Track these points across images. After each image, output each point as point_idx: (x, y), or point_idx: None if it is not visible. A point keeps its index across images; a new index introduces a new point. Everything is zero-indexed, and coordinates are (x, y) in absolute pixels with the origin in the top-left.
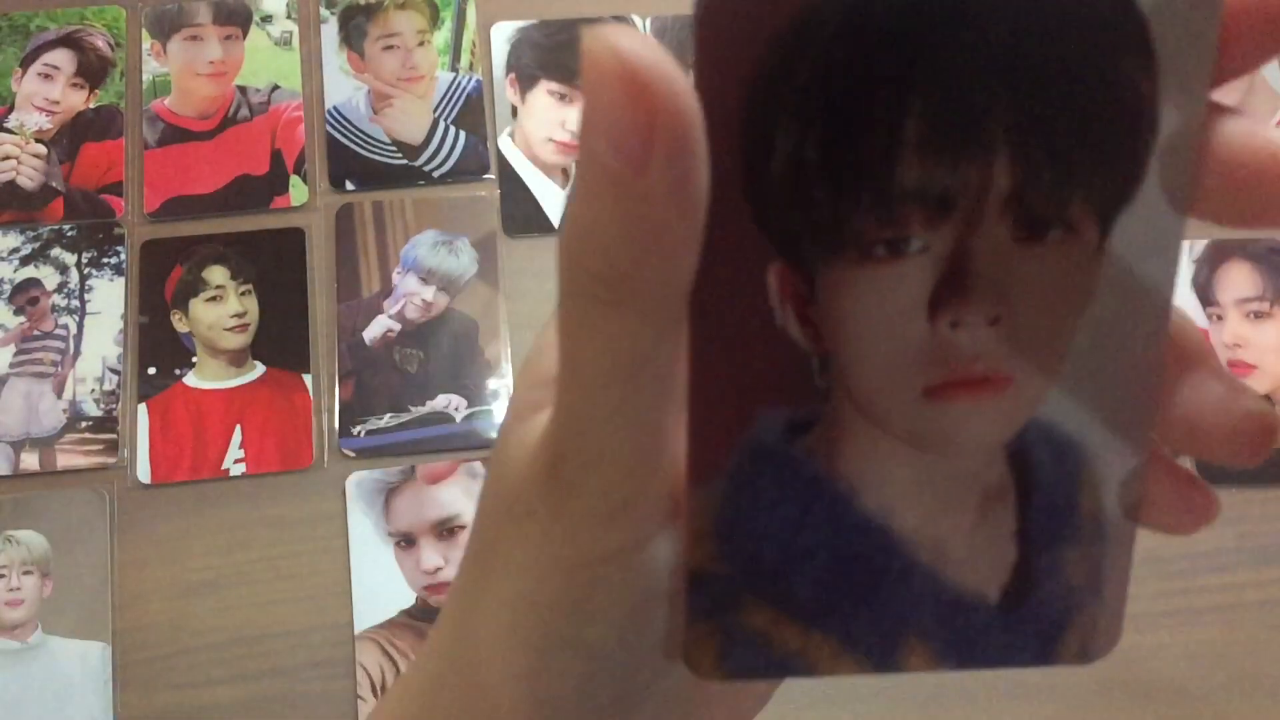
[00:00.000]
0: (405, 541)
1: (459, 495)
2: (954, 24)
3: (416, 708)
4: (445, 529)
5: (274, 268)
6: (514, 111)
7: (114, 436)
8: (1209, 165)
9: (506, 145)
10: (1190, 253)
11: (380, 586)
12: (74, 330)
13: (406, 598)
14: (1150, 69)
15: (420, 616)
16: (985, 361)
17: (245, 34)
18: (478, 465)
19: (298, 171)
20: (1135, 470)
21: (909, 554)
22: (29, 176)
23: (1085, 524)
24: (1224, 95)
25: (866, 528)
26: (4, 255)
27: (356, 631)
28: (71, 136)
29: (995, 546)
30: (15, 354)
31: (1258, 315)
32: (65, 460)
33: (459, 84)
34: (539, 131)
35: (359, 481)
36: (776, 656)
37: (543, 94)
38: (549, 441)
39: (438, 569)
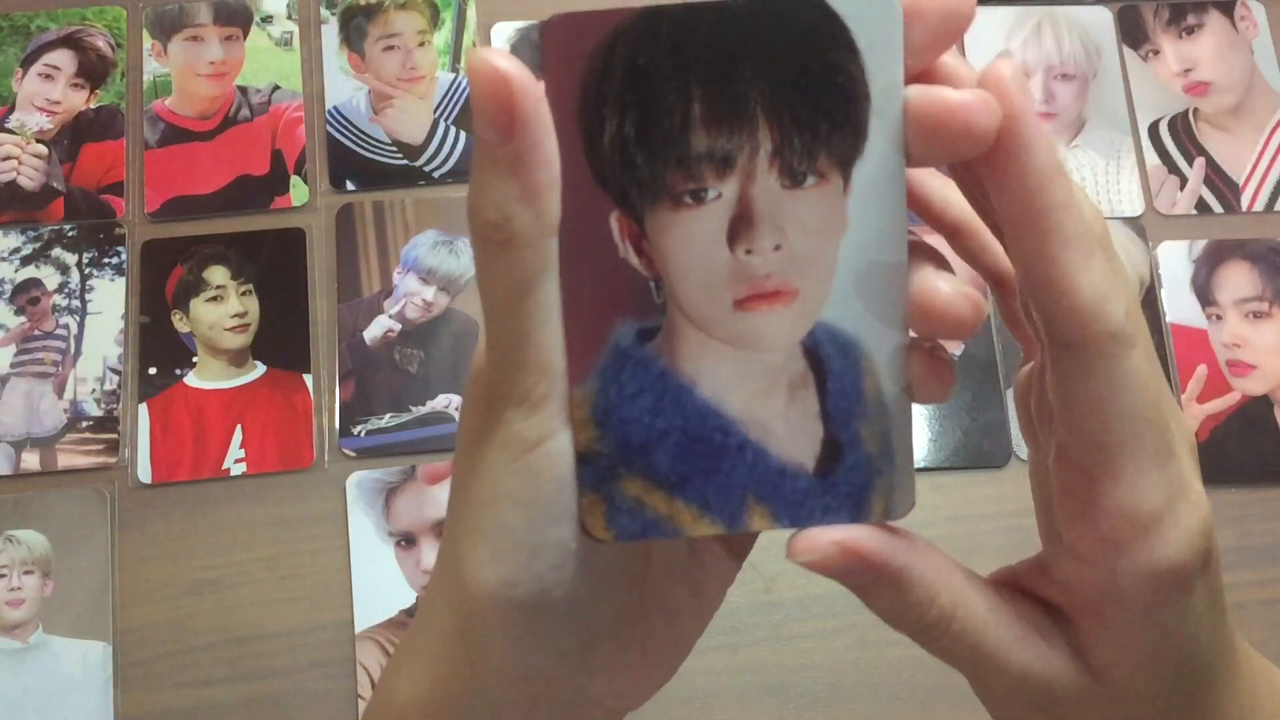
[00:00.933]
0: (406, 541)
1: None
2: (721, 36)
3: (418, 620)
4: None
5: (274, 268)
6: None
7: (115, 436)
8: (908, 119)
9: None
10: (1190, 253)
11: (381, 586)
12: (75, 330)
13: (407, 597)
14: (854, 56)
15: None
16: (775, 278)
17: (246, 34)
18: None
19: (298, 172)
20: (900, 354)
21: (740, 432)
22: (30, 177)
23: (871, 402)
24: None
25: (705, 411)
26: (5, 255)
27: (357, 631)
28: (72, 137)
29: (806, 425)
30: (16, 354)
31: (1257, 315)
32: (66, 460)
33: (459, 84)
34: None
35: (359, 481)
36: (650, 519)
37: None
38: (484, 363)
39: None
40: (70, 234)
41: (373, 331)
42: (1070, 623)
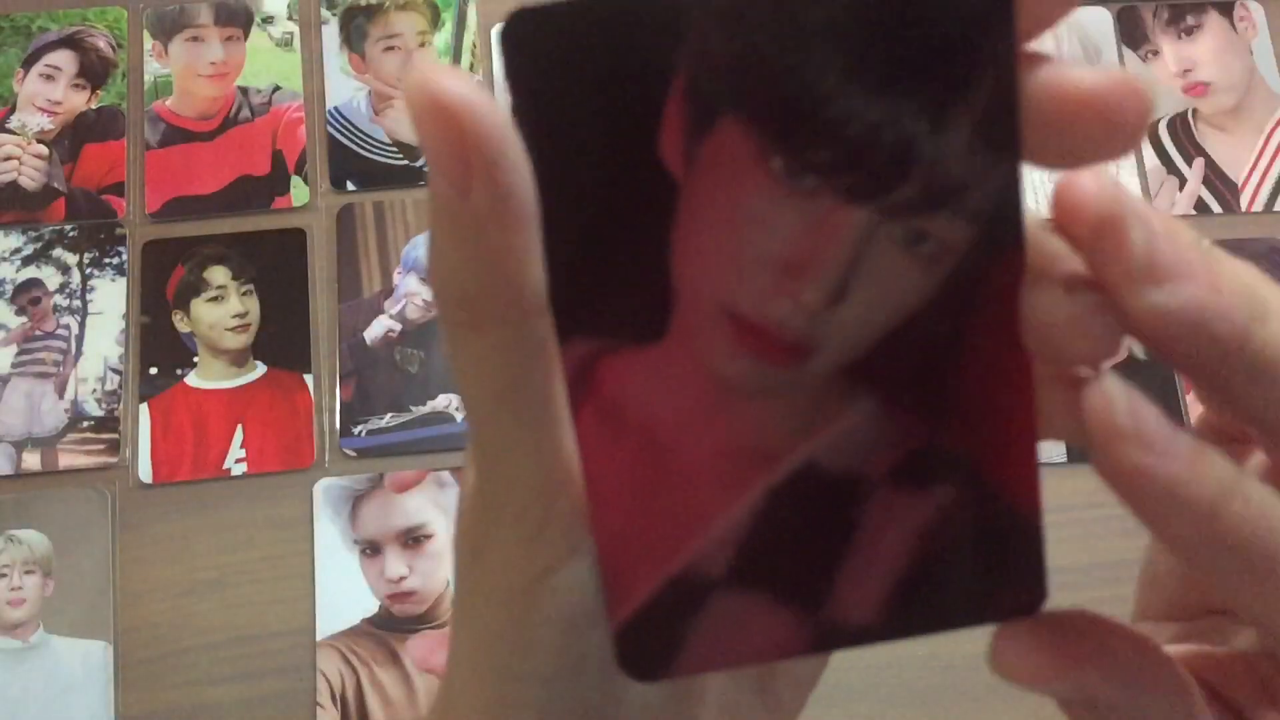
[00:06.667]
0: (370, 549)
1: (426, 504)
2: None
3: None
4: (411, 538)
5: (275, 268)
6: None
7: (116, 436)
8: (1031, 116)
9: None
10: None
11: (346, 592)
12: (76, 330)
13: (369, 605)
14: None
15: (382, 625)
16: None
17: (246, 35)
18: (446, 475)
19: (299, 172)
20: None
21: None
22: (31, 177)
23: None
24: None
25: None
26: (6, 255)
27: (318, 638)
28: (73, 137)
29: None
30: (17, 354)
31: None
32: (67, 460)
33: None
34: None
35: (326, 488)
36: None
37: None
38: (470, 476)
39: (402, 578)
40: (71, 234)
41: (373, 331)
42: None
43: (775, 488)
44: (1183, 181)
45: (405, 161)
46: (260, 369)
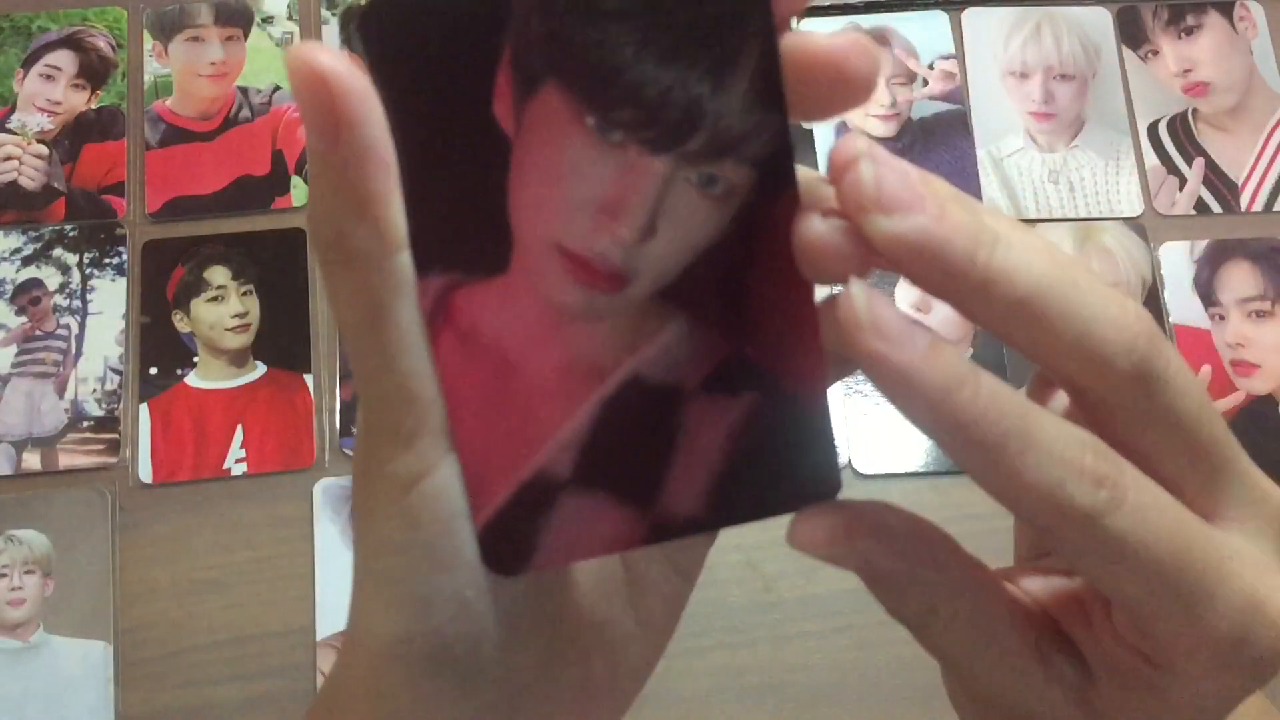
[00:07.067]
0: None
1: None
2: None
3: (334, 672)
4: None
5: (275, 268)
6: None
7: (115, 436)
8: (789, 75)
9: None
10: (1191, 253)
11: (342, 593)
12: (76, 330)
13: None
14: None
15: None
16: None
17: (246, 35)
18: None
19: (299, 172)
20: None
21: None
22: (30, 177)
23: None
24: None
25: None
26: (6, 255)
27: (319, 637)
28: (73, 137)
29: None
30: (17, 354)
31: (1260, 315)
32: (67, 460)
33: None
34: None
35: (326, 488)
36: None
37: None
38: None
39: None
40: (71, 234)
41: None
42: (1087, 669)
43: (606, 398)
44: (1183, 181)
45: None
46: (260, 369)
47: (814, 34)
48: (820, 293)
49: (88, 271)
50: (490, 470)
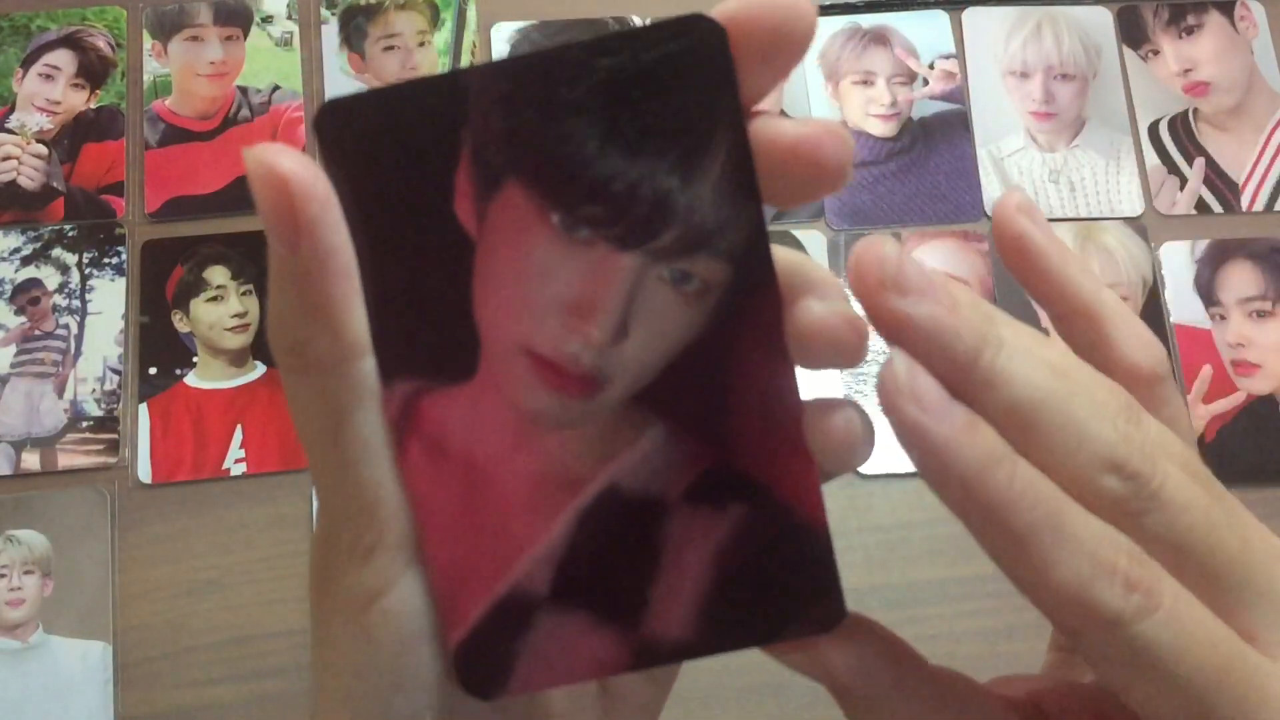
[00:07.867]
0: None
1: None
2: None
3: None
4: None
5: None
6: None
7: (115, 436)
8: (760, 163)
9: None
10: (1192, 253)
11: None
12: (75, 330)
13: None
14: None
15: None
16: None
17: (246, 34)
18: None
19: None
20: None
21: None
22: (30, 177)
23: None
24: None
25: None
26: (5, 255)
27: None
28: (72, 137)
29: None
30: (16, 354)
31: (1260, 314)
32: (66, 460)
33: None
34: None
35: None
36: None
37: None
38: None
39: None
40: (70, 234)
41: None
42: None
43: (583, 511)
44: (1183, 181)
45: None
46: (260, 369)
47: (784, 121)
48: (806, 395)
49: (87, 271)
50: (464, 586)
